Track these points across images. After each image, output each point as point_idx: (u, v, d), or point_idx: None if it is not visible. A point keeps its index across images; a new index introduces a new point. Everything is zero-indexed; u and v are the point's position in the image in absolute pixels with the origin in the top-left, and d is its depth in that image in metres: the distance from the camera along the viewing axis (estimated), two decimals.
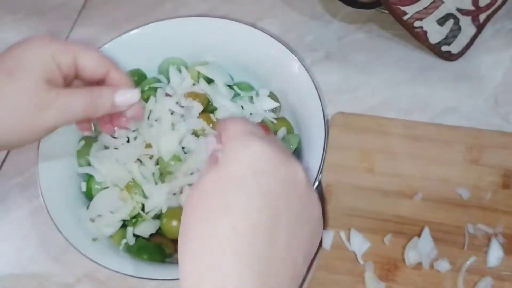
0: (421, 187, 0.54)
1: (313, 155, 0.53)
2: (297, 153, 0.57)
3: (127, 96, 0.47)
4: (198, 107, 0.56)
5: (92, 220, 0.53)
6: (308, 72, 0.56)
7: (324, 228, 0.53)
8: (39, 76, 0.43)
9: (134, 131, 0.57)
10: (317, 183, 0.54)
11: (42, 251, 0.59)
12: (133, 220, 0.54)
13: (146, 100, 0.58)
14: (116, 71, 0.48)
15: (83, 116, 0.45)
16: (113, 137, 0.56)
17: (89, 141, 0.57)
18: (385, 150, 0.57)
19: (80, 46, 0.46)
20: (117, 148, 0.56)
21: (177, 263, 0.51)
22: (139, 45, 0.60)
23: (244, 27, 0.59)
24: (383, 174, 0.56)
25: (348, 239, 0.53)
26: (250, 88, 0.60)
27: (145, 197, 0.53)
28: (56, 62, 0.44)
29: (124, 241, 0.54)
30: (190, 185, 0.53)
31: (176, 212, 0.53)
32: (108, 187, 0.54)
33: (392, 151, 0.57)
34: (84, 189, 0.55)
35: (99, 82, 0.49)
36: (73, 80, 0.48)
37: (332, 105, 0.62)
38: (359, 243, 0.52)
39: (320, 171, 0.52)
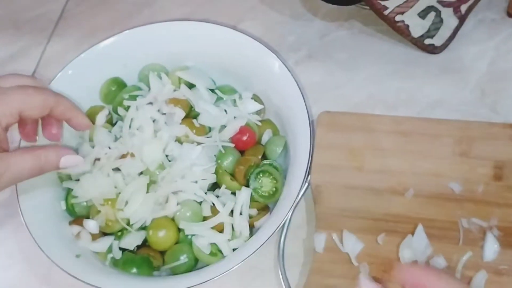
0: (412, 183, 0.53)
1: (300, 157, 0.52)
2: (284, 155, 0.55)
3: (71, 161, 0.49)
4: (180, 113, 0.55)
5: (77, 237, 0.52)
6: (290, 72, 0.55)
7: (315, 230, 0.52)
8: None
9: (115, 141, 0.55)
10: (306, 185, 0.53)
11: (28, 270, 0.57)
12: (118, 233, 0.52)
13: (127, 109, 0.56)
14: (63, 105, 0.48)
15: (29, 177, 0.46)
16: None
17: None
18: (373, 147, 0.56)
19: (23, 95, 0.45)
20: (98, 159, 0.54)
21: (166, 275, 0.51)
22: (116, 53, 0.59)
23: (223, 29, 0.58)
24: (373, 171, 0.54)
25: (341, 241, 0.51)
26: (232, 91, 0.59)
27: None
28: (1, 126, 0.45)
29: (110, 255, 0.52)
30: (174, 193, 0.52)
31: (162, 222, 0.51)
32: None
33: (380, 148, 0.56)
34: (64, 207, 0.54)
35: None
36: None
37: (317, 104, 0.61)
38: (352, 244, 0.51)
39: (308, 172, 0.50)
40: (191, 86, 0.58)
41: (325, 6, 0.63)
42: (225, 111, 0.56)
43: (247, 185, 0.53)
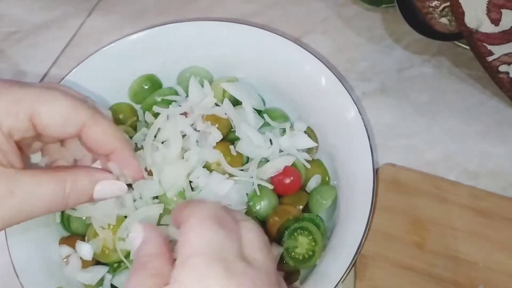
0: (484, 280, 0.43)
1: (355, 217, 0.42)
2: (331, 211, 0.45)
3: (110, 191, 0.35)
4: (217, 135, 0.45)
5: (65, 261, 0.43)
6: (360, 113, 0.45)
7: None
8: None
9: (137, 150, 0.46)
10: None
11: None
12: (114, 265, 0.43)
13: (155, 116, 0.47)
14: (100, 127, 0.34)
15: (48, 210, 0.32)
16: None
17: None
18: (441, 223, 0.46)
19: (39, 91, 0.32)
20: None
21: None
22: (157, 47, 0.50)
23: (285, 42, 0.48)
24: (436, 254, 0.44)
25: None
26: (284, 117, 0.49)
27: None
28: (2, 131, 0.31)
29: None
30: None
31: None
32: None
33: (450, 226, 0.46)
34: (58, 219, 0.45)
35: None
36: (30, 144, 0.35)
37: (380, 151, 0.51)
38: None
39: (363, 241, 0.40)
40: (235, 102, 0.48)
41: (411, 34, 0.52)
42: (270, 141, 0.46)
43: (279, 241, 0.43)
